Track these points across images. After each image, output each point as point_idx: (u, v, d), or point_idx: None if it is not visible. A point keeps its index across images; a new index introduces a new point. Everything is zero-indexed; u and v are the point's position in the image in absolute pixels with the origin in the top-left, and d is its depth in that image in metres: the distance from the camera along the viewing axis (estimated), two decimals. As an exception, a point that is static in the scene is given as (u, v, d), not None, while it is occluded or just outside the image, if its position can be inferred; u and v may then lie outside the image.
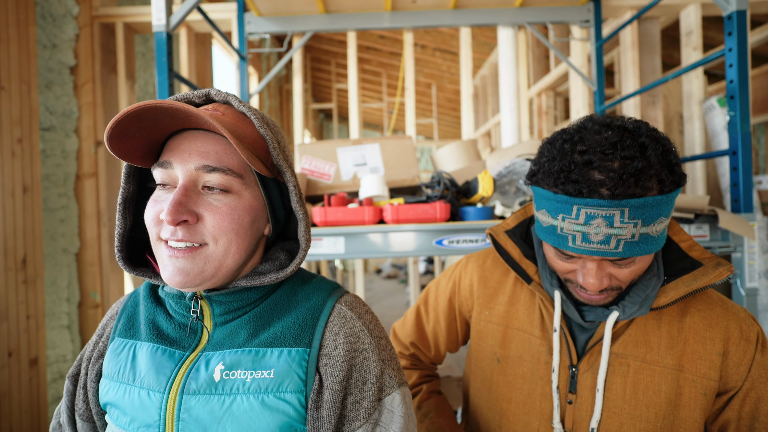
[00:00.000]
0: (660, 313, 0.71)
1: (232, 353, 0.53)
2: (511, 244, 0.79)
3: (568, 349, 0.73)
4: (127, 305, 0.63)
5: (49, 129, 2.23)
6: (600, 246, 0.59)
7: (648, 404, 0.67)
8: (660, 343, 0.69)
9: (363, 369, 0.55)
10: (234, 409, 0.51)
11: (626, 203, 0.57)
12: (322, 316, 0.57)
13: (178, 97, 0.55)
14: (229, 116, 0.55)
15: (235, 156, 0.54)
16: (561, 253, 0.67)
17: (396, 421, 0.55)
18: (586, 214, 0.58)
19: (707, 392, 0.66)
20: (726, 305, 0.70)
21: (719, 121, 2.36)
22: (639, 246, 0.59)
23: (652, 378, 0.68)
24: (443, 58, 5.11)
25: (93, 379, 0.60)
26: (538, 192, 0.67)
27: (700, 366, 0.67)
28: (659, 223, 0.60)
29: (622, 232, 0.58)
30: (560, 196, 0.61)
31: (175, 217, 0.49)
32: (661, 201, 0.58)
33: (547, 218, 0.65)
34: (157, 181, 0.53)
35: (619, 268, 0.64)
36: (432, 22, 2.13)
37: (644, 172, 0.57)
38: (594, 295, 0.68)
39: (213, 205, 0.52)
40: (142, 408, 0.53)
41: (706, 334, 0.68)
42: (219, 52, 3.38)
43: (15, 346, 1.95)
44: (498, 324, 0.81)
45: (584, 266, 0.65)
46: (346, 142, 1.49)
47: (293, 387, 0.52)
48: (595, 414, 0.69)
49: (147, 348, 0.56)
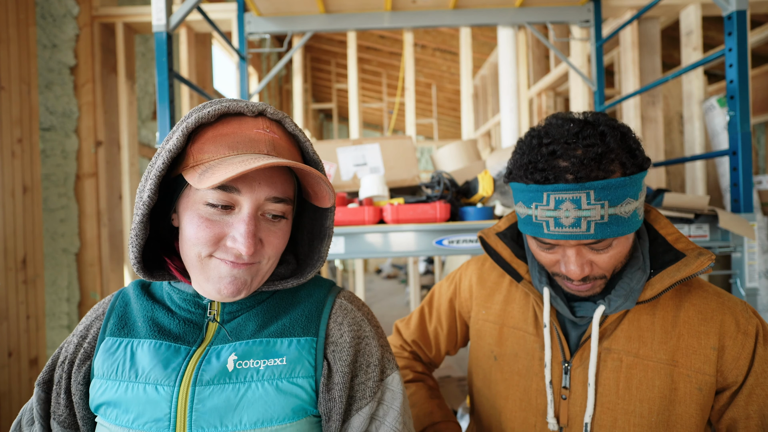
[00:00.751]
0: (654, 308, 0.71)
1: (242, 344, 0.56)
2: (502, 246, 0.82)
3: (561, 345, 0.74)
4: (115, 305, 0.63)
5: (49, 129, 2.23)
6: (572, 229, 0.63)
7: (642, 399, 0.67)
8: (654, 339, 0.69)
9: (366, 353, 0.61)
10: (249, 395, 0.53)
11: (590, 185, 0.61)
12: (326, 309, 0.62)
13: (230, 107, 0.54)
14: (279, 135, 0.56)
15: (291, 185, 0.58)
16: (540, 243, 0.69)
17: (397, 398, 0.61)
18: (555, 200, 0.63)
19: (702, 387, 0.66)
20: (722, 298, 0.70)
21: (719, 121, 2.36)
22: (610, 227, 0.62)
23: (645, 373, 0.68)
24: (443, 58, 5.11)
25: (80, 382, 0.58)
26: (514, 186, 0.71)
27: (695, 361, 0.66)
28: (627, 204, 0.63)
29: (590, 214, 0.61)
30: (531, 186, 0.66)
31: (252, 251, 0.52)
32: (625, 183, 0.62)
33: (524, 209, 0.69)
34: (213, 201, 0.52)
35: (597, 254, 0.66)
36: (432, 22, 2.13)
37: (605, 156, 0.62)
38: (580, 285, 0.69)
39: (272, 231, 0.56)
40: (149, 403, 0.53)
41: (701, 328, 0.67)
42: (219, 52, 3.38)
43: (15, 346, 1.95)
44: (494, 322, 0.84)
45: (565, 255, 0.68)
46: (346, 142, 1.49)
47: (304, 372, 0.56)
48: (587, 409, 0.69)
49: (148, 345, 0.56)
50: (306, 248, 0.67)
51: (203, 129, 0.54)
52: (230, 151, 0.52)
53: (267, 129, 0.55)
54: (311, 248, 0.66)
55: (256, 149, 0.52)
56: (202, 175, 0.49)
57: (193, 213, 0.53)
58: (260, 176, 0.53)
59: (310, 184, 0.58)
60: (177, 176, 0.55)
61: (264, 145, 0.53)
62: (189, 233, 0.53)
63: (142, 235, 0.54)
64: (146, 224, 0.54)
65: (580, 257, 0.66)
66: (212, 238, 0.52)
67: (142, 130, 2.70)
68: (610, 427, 0.68)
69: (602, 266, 0.67)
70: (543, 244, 0.69)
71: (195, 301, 0.59)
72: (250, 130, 0.54)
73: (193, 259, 0.54)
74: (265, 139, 0.54)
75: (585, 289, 0.70)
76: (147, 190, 0.52)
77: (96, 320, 0.63)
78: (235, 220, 0.53)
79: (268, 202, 0.54)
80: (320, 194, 0.58)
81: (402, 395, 0.61)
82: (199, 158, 0.52)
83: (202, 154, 0.52)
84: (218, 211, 0.53)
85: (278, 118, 0.57)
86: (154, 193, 0.52)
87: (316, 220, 0.66)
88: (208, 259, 0.54)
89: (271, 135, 0.54)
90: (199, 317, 0.59)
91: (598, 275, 0.68)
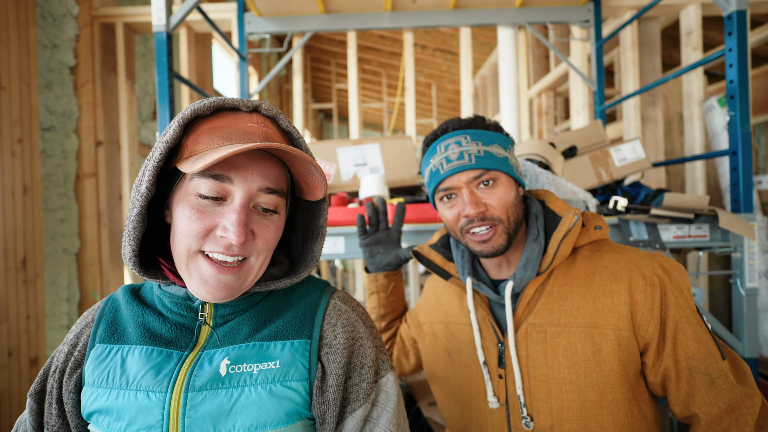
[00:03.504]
0: (570, 276, 0.76)
1: (235, 349, 0.56)
2: (434, 254, 0.91)
3: (493, 327, 0.79)
4: (105, 312, 0.62)
5: (49, 129, 2.23)
6: (459, 161, 0.77)
7: (568, 365, 0.71)
8: (572, 305, 0.73)
9: (360, 354, 0.60)
10: (242, 400, 0.53)
11: (466, 131, 0.80)
12: (320, 311, 0.61)
13: (226, 102, 0.54)
14: (273, 131, 0.56)
15: (284, 178, 0.58)
16: (443, 201, 0.81)
17: (391, 400, 0.60)
18: (445, 146, 0.80)
19: (621, 342, 0.70)
20: (629, 255, 0.75)
21: (719, 121, 2.36)
22: (486, 160, 0.77)
23: (568, 339, 0.72)
24: (443, 58, 5.11)
25: (72, 391, 0.58)
26: (422, 168, 0.87)
27: (610, 319, 0.71)
28: (496, 147, 0.79)
29: (470, 148, 0.77)
30: (429, 149, 0.84)
31: (242, 239, 0.51)
32: (491, 134, 0.80)
33: (426, 170, 0.84)
34: (204, 192, 0.52)
35: (487, 194, 0.77)
36: (432, 22, 2.13)
37: (475, 121, 0.82)
38: (483, 234, 0.76)
39: (264, 223, 0.55)
40: (141, 410, 0.52)
41: (612, 287, 0.72)
42: (219, 52, 3.38)
43: (15, 346, 1.95)
44: (442, 322, 0.91)
45: (462, 200, 0.78)
46: (346, 142, 1.49)
47: (298, 376, 0.55)
48: (516, 383, 0.74)
49: (139, 351, 0.56)
50: (299, 249, 0.67)
51: (199, 122, 0.54)
52: (224, 141, 0.52)
53: (261, 124, 0.55)
54: (305, 249, 0.66)
55: (250, 140, 0.52)
56: (195, 161, 0.49)
57: (186, 204, 0.53)
58: (253, 167, 0.53)
59: (302, 175, 0.57)
60: (171, 171, 0.55)
61: (258, 137, 0.53)
62: (180, 225, 0.52)
63: (140, 227, 0.53)
64: (144, 217, 0.54)
65: (473, 196, 0.77)
66: (203, 229, 0.52)
67: (142, 130, 2.70)
68: (546, 398, 0.72)
69: (494, 205, 0.77)
70: (446, 201, 0.81)
71: (187, 305, 0.58)
72: (245, 124, 0.54)
73: (183, 255, 0.53)
74: (258, 132, 0.54)
75: (488, 236, 0.76)
76: (145, 181, 0.52)
77: (86, 328, 0.62)
78: (227, 210, 0.52)
79: (261, 192, 0.54)
80: (312, 185, 0.57)
81: (396, 397, 0.61)
82: (194, 149, 0.52)
83: (197, 145, 0.52)
84: (210, 202, 0.52)
85: (272, 114, 0.57)
86: (152, 184, 0.52)
87: (310, 220, 0.66)
88: (195, 255, 0.53)
89: (264, 129, 0.55)
90: (191, 321, 0.58)
91: (494, 216, 0.77)
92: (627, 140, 1.45)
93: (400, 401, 0.62)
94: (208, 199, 0.52)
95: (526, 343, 0.75)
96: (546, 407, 0.72)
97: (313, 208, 0.64)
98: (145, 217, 0.54)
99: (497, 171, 0.77)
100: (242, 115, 0.55)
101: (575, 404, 0.71)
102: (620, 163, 1.42)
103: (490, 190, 0.77)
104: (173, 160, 0.54)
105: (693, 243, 1.26)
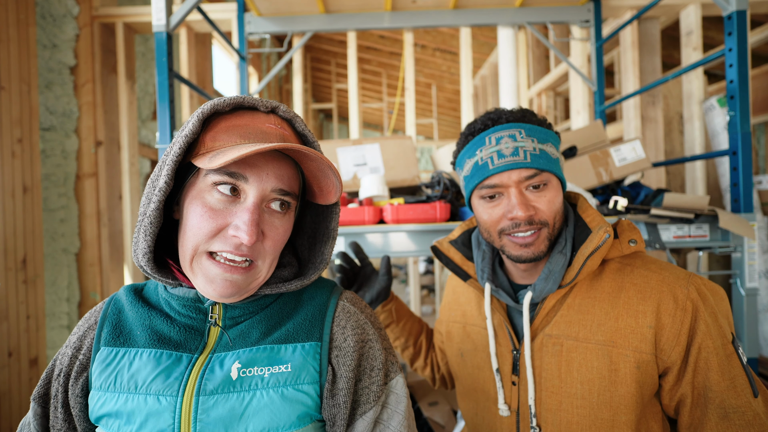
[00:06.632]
0: (595, 291, 0.72)
1: (246, 352, 0.55)
2: (454, 251, 0.88)
3: (509, 334, 0.77)
4: (107, 314, 0.61)
5: (49, 129, 2.23)
6: (513, 158, 0.71)
7: (582, 381, 0.69)
8: (593, 321, 0.70)
9: (370, 357, 0.60)
10: (254, 404, 0.53)
11: (522, 125, 0.73)
12: (329, 313, 0.61)
13: (245, 100, 0.55)
14: (289, 133, 0.57)
15: (297, 180, 0.58)
16: (486, 199, 0.75)
17: (401, 402, 0.60)
18: (496, 138, 0.73)
19: (641, 365, 0.66)
20: (663, 274, 0.69)
21: (719, 121, 2.36)
22: (542, 159, 0.71)
23: (584, 355, 0.69)
24: (443, 58, 5.11)
25: (78, 395, 0.57)
26: (460, 158, 0.80)
27: (632, 340, 0.67)
28: (550, 146, 0.74)
29: (525, 145, 0.71)
30: (474, 139, 0.76)
31: (254, 239, 0.51)
32: (546, 132, 0.74)
33: (469, 162, 0.77)
34: (219, 188, 0.52)
35: (537, 196, 0.72)
36: (432, 22, 2.13)
37: (527, 114, 0.76)
38: (527, 237, 0.72)
39: (274, 224, 0.55)
40: (151, 414, 0.52)
41: (639, 307, 0.68)
42: (219, 52, 3.38)
43: (15, 346, 1.95)
44: (459, 322, 0.90)
45: (509, 200, 0.72)
46: (346, 142, 1.49)
47: (309, 378, 0.55)
48: (529, 392, 0.72)
49: (148, 354, 0.55)
50: (306, 252, 0.67)
51: (217, 119, 0.54)
52: (242, 140, 0.52)
53: (278, 125, 0.56)
54: (313, 251, 0.65)
55: (267, 141, 0.53)
56: (214, 158, 0.49)
57: (199, 202, 0.52)
58: (269, 167, 0.53)
59: (316, 178, 0.57)
60: (185, 166, 0.55)
61: (275, 138, 0.54)
62: (192, 222, 0.52)
63: (156, 223, 0.52)
64: (161, 212, 0.53)
65: (522, 197, 0.71)
66: (214, 228, 0.51)
67: (142, 130, 2.70)
68: (556, 410, 0.71)
69: (543, 210, 0.71)
70: (489, 200, 0.75)
71: (195, 306, 0.58)
72: (263, 124, 0.54)
73: (189, 253, 0.53)
74: (275, 133, 0.54)
75: (531, 240, 0.72)
76: (164, 176, 0.51)
77: (89, 330, 0.61)
78: (239, 209, 0.52)
79: (274, 193, 0.54)
80: (326, 188, 0.57)
81: (406, 399, 0.61)
82: (211, 146, 0.52)
83: (215, 142, 0.52)
84: (224, 199, 0.52)
85: (289, 117, 0.58)
86: (170, 179, 0.51)
87: (319, 222, 0.65)
88: (201, 257, 0.53)
89: (281, 131, 0.55)
90: (200, 323, 0.58)
91: (542, 220, 0.72)
92: (627, 140, 1.45)
93: (410, 403, 0.62)
94: (223, 195, 0.52)
95: (541, 353, 0.73)
96: (555, 419, 0.71)
97: (324, 211, 0.65)
98: (162, 212, 0.53)
99: (550, 173, 0.72)
100: (260, 115, 0.56)
101: (586, 420, 0.68)
102: (620, 163, 1.42)
103: (540, 192, 0.72)
104: (188, 155, 0.54)
105: (693, 243, 1.26)
